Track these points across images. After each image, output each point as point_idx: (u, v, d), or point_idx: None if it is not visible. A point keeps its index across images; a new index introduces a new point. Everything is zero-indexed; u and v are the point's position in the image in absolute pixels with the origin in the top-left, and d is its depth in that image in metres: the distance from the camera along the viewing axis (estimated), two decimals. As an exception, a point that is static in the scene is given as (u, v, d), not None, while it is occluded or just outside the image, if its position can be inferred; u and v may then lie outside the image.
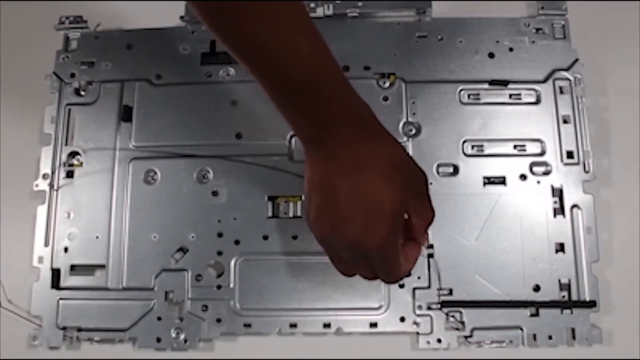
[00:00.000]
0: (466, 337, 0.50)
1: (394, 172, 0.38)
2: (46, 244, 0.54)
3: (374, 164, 0.38)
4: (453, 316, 0.51)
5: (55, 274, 0.54)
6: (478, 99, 0.55)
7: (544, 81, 0.55)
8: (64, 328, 0.52)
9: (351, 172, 0.38)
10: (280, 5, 0.35)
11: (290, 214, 0.53)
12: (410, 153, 0.54)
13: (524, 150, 0.54)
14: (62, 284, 0.54)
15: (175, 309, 0.52)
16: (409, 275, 0.50)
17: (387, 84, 0.56)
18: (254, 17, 0.35)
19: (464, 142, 0.54)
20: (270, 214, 0.53)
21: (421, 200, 0.41)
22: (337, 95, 0.38)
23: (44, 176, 0.55)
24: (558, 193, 0.53)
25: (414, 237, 0.42)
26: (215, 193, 0.54)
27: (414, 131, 0.55)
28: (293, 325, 0.51)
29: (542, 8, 0.57)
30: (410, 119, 0.55)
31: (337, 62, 0.39)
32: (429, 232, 0.43)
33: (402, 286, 0.51)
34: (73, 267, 0.54)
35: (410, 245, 0.42)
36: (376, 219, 0.38)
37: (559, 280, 0.51)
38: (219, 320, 0.52)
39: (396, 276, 0.41)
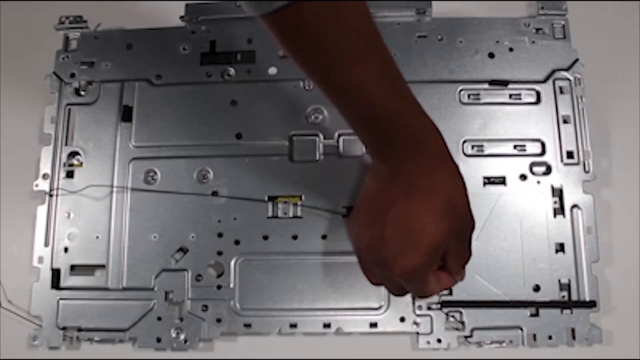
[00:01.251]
0: (466, 337, 0.50)
1: (446, 212, 0.39)
2: (46, 244, 0.54)
3: (429, 196, 0.39)
4: (453, 316, 0.51)
5: (55, 274, 0.54)
6: (478, 99, 0.55)
7: (544, 81, 0.55)
8: (64, 328, 0.52)
9: (405, 198, 0.39)
10: (343, 39, 0.35)
11: (290, 214, 0.53)
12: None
13: (524, 150, 0.54)
14: (62, 284, 0.54)
15: (175, 309, 0.52)
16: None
17: (387, 84, 0.56)
18: (316, 49, 0.35)
19: (464, 142, 0.54)
20: (270, 214, 0.53)
21: (462, 245, 0.42)
22: (404, 122, 0.38)
23: (44, 176, 0.55)
24: (558, 193, 0.53)
25: (448, 271, 0.43)
26: (215, 193, 0.54)
27: (414, 131, 0.55)
28: (293, 325, 0.51)
29: (542, 8, 0.57)
30: (410, 119, 0.55)
31: (408, 89, 0.38)
32: (465, 270, 0.44)
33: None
34: (73, 267, 0.54)
35: (444, 275, 0.42)
36: (413, 249, 0.38)
37: (559, 280, 0.51)
38: (219, 320, 0.52)
39: (424, 295, 0.42)
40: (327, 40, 0.34)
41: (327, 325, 0.51)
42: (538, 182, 0.53)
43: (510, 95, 0.55)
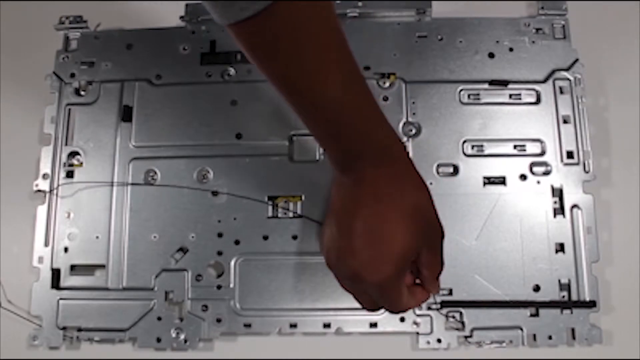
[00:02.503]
0: (466, 337, 0.50)
1: (413, 219, 0.38)
2: (46, 244, 0.54)
3: (396, 204, 0.38)
4: (453, 316, 0.51)
5: (55, 274, 0.54)
6: (478, 99, 0.55)
7: (544, 81, 0.55)
8: (64, 328, 0.52)
9: (370, 207, 0.38)
10: (311, 45, 0.35)
11: (290, 214, 0.53)
12: (410, 153, 0.54)
13: (524, 150, 0.54)
14: (62, 284, 0.54)
15: (175, 309, 0.52)
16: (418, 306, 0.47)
17: (387, 84, 0.56)
18: (284, 55, 0.35)
19: (464, 142, 0.54)
20: (270, 214, 0.53)
21: (433, 253, 0.41)
22: (368, 130, 0.38)
23: (44, 176, 0.55)
24: (558, 193, 0.53)
25: (423, 284, 0.42)
26: (215, 193, 0.54)
27: (414, 131, 0.55)
28: (293, 325, 0.51)
29: (542, 8, 0.57)
30: (410, 119, 0.55)
31: (372, 96, 0.38)
32: (440, 281, 0.43)
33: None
34: (73, 267, 0.54)
35: (419, 289, 0.42)
36: (382, 258, 0.38)
37: (559, 280, 0.51)
38: (219, 320, 0.52)
39: (397, 309, 0.41)
40: (296, 50, 0.34)
41: (327, 325, 0.51)
42: (538, 182, 0.53)
43: (510, 95, 0.55)
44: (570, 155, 0.54)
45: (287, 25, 0.33)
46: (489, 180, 0.54)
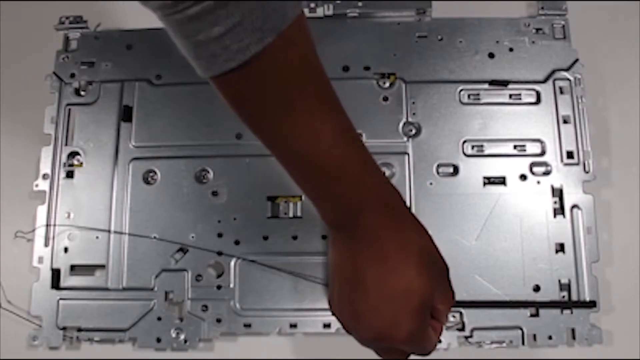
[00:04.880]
0: (466, 337, 0.50)
1: (422, 263, 0.37)
2: (46, 244, 0.54)
3: (402, 254, 0.37)
4: (453, 316, 0.51)
5: (55, 274, 0.54)
6: (478, 99, 0.55)
7: (544, 81, 0.55)
8: (64, 328, 0.52)
9: (378, 262, 0.37)
10: (299, 94, 0.33)
11: (290, 214, 0.53)
12: (410, 153, 0.54)
13: (524, 150, 0.54)
14: (62, 284, 0.53)
15: (175, 309, 0.52)
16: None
17: (387, 84, 0.56)
18: (270, 107, 0.33)
19: (464, 142, 0.54)
20: (270, 214, 0.53)
21: (444, 288, 0.40)
22: (362, 181, 0.37)
23: (44, 176, 0.55)
24: (558, 193, 0.53)
25: (438, 318, 0.40)
26: (215, 193, 0.54)
27: (414, 131, 0.55)
28: (293, 325, 0.51)
29: (542, 8, 0.57)
30: (410, 119, 0.55)
31: (364, 147, 0.37)
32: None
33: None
34: (73, 267, 0.54)
35: (435, 322, 0.40)
36: (404, 311, 0.36)
37: (559, 281, 0.51)
38: (219, 321, 0.52)
39: (427, 352, 0.40)
40: (285, 102, 0.33)
41: (327, 325, 0.51)
42: (538, 182, 0.53)
43: (510, 96, 0.55)
44: (570, 155, 0.54)
45: (273, 76, 0.32)
46: (489, 180, 0.54)
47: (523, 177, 0.53)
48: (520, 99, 0.55)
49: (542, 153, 0.54)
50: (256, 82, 0.32)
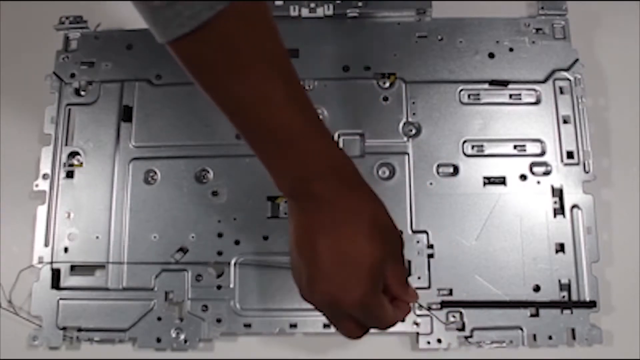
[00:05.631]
0: (466, 337, 0.50)
1: (374, 231, 0.38)
2: (46, 244, 0.54)
3: (354, 220, 0.38)
4: (453, 316, 0.51)
5: (55, 274, 0.53)
6: (478, 99, 0.55)
7: (544, 81, 0.55)
8: (64, 328, 0.52)
9: (330, 228, 0.37)
10: (250, 60, 0.34)
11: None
12: (410, 153, 0.54)
13: (524, 150, 0.54)
14: (62, 284, 0.53)
15: (175, 309, 0.52)
16: (403, 320, 0.43)
17: (387, 84, 0.56)
18: (223, 73, 0.35)
19: (464, 142, 0.54)
20: (270, 214, 0.53)
21: (396, 260, 0.40)
22: (313, 149, 0.37)
23: (44, 176, 0.55)
24: (558, 193, 0.53)
25: (395, 296, 0.40)
26: (215, 193, 0.54)
27: (414, 131, 0.55)
28: (293, 326, 0.51)
29: (542, 8, 0.57)
30: (410, 119, 0.55)
31: (316, 113, 0.38)
32: (412, 286, 0.41)
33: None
34: (73, 267, 0.54)
35: (400, 302, 0.40)
36: (355, 276, 0.37)
37: (559, 281, 0.51)
38: (219, 321, 0.52)
39: (385, 324, 0.40)
40: (237, 67, 0.34)
41: (327, 326, 0.51)
42: (538, 182, 0.53)
43: (510, 96, 0.55)
44: (570, 155, 0.54)
45: (225, 42, 0.33)
46: (489, 180, 0.54)
47: (523, 177, 0.53)
48: (520, 99, 0.55)
49: (542, 153, 0.54)
50: (209, 48, 0.34)
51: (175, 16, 0.32)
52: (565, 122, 0.54)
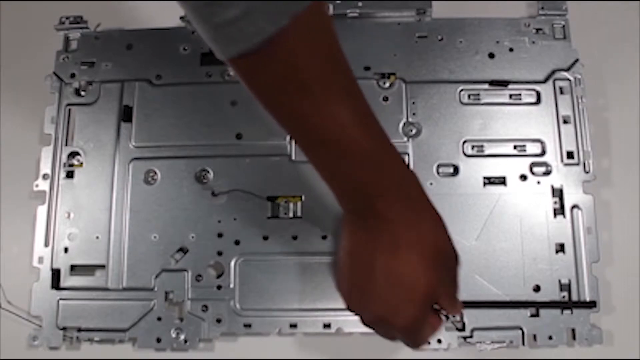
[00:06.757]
0: (466, 337, 0.50)
1: (434, 257, 0.38)
2: (46, 244, 0.54)
3: (415, 245, 0.37)
4: (454, 316, 0.51)
5: (55, 274, 0.53)
6: (478, 99, 0.55)
7: (544, 81, 0.55)
8: (64, 328, 0.52)
9: (390, 249, 0.37)
10: (315, 78, 0.33)
11: (290, 214, 0.53)
12: (410, 153, 0.54)
13: (524, 150, 0.54)
14: (62, 284, 0.53)
15: (175, 309, 0.52)
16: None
17: (387, 84, 0.56)
18: (287, 90, 0.34)
19: (464, 142, 0.54)
20: (270, 214, 0.53)
21: (451, 282, 0.40)
22: (379, 167, 0.37)
23: (44, 176, 0.55)
24: (558, 193, 0.53)
25: (443, 308, 0.40)
26: (215, 193, 0.54)
27: (414, 131, 0.55)
28: (293, 325, 0.51)
29: (542, 8, 0.57)
30: (410, 119, 0.55)
31: (383, 132, 0.37)
32: (459, 300, 0.41)
33: None
34: (73, 268, 0.54)
35: (434, 317, 0.40)
36: (408, 301, 0.37)
37: (559, 281, 0.51)
38: (219, 321, 0.52)
39: (419, 344, 0.41)
40: (301, 83, 0.33)
41: (327, 325, 0.51)
42: (538, 183, 0.53)
43: (511, 96, 0.55)
44: (570, 155, 0.54)
45: (290, 59, 0.32)
46: (489, 181, 0.54)
47: (523, 177, 0.53)
48: (520, 99, 0.55)
49: (542, 153, 0.54)
50: (272, 65, 0.33)
51: (238, 33, 0.31)
52: (565, 122, 0.54)
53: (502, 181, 0.53)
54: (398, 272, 0.37)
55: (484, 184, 0.53)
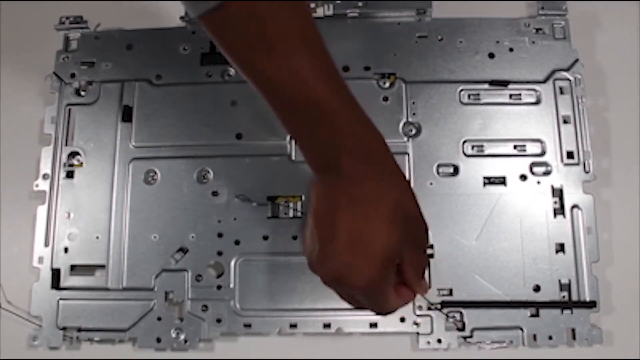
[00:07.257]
0: (466, 337, 0.50)
1: (395, 216, 0.37)
2: (46, 244, 0.54)
3: (376, 202, 0.37)
4: (453, 316, 0.51)
5: (55, 274, 0.54)
6: (478, 99, 0.55)
7: (544, 81, 0.55)
8: (64, 328, 0.52)
9: (351, 205, 0.37)
10: (277, 35, 0.35)
11: (290, 214, 0.53)
12: (410, 153, 0.54)
13: (524, 150, 0.54)
14: (62, 284, 0.54)
15: (175, 309, 0.52)
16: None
17: (387, 84, 0.56)
18: (252, 48, 0.35)
19: (464, 142, 0.54)
20: (270, 214, 0.53)
21: (417, 250, 0.40)
22: (343, 125, 0.37)
23: (44, 176, 0.55)
24: (558, 193, 0.53)
25: (405, 282, 0.40)
26: (215, 193, 0.54)
27: (414, 131, 0.55)
28: (293, 326, 0.51)
29: (542, 8, 0.57)
30: (410, 119, 0.55)
31: (348, 91, 0.37)
32: (425, 280, 0.41)
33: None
34: (73, 267, 0.54)
35: (404, 289, 0.40)
36: (365, 261, 0.37)
37: (559, 281, 0.51)
38: (219, 321, 0.52)
39: (383, 311, 0.40)
40: (267, 41, 0.35)
41: (327, 325, 0.51)
42: (538, 182, 0.53)
43: (511, 96, 0.55)
44: (570, 155, 0.54)
45: (252, 17, 0.34)
46: (489, 181, 0.54)
47: (523, 177, 0.53)
48: (520, 99, 0.55)
49: (542, 153, 0.54)
50: (237, 22, 0.34)
51: None
52: (565, 122, 0.54)
53: (502, 181, 0.53)
54: (358, 229, 0.37)
55: (484, 184, 0.53)
